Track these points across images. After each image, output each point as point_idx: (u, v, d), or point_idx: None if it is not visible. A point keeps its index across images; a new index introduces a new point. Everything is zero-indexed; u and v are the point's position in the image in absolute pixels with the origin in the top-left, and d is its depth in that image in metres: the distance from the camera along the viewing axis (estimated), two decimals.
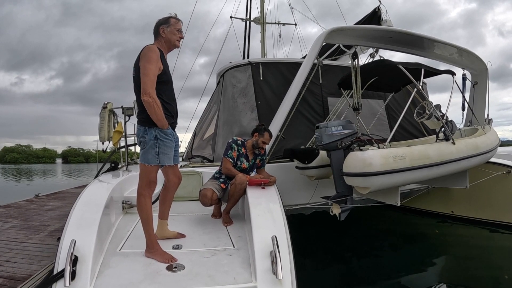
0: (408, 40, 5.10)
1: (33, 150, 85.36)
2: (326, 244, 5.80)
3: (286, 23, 17.49)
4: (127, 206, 3.88)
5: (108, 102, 5.44)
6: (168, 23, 2.87)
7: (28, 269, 3.41)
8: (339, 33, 4.91)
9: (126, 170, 4.97)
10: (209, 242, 3.04)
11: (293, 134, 5.51)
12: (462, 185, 4.81)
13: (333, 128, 4.01)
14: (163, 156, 2.75)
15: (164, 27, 2.86)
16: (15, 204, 7.07)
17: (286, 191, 4.11)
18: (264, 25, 15.59)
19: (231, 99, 6.09)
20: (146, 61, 2.65)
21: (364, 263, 5.12)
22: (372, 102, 6.63)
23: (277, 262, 2.23)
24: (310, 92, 6.00)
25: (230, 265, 2.54)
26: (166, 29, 2.86)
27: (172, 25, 2.88)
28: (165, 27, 2.86)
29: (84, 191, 3.29)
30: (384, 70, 4.79)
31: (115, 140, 5.41)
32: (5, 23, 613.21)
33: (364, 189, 3.68)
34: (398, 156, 3.70)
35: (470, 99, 6.15)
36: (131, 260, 2.62)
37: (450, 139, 4.38)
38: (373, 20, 7.59)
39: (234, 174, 3.74)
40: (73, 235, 2.45)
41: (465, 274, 4.61)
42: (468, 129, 5.75)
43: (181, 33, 2.95)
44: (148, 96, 2.58)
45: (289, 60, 6.59)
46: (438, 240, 5.89)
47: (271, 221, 2.80)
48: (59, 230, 3.40)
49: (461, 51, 5.36)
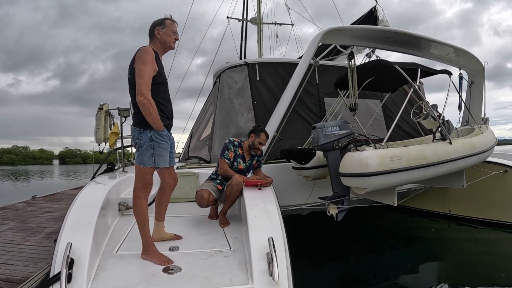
0: (404, 40, 5.10)
1: (30, 151, 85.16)
2: (323, 245, 5.80)
3: (283, 23, 17.48)
4: (123, 208, 3.86)
5: (104, 103, 5.43)
6: (163, 25, 2.87)
7: (25, 272, 3.39)
8: (335, 33, 4.92)
9: (123, 171, 4.95)
10: (206, 243, 3.03)
11: (289, 134, 5.51)
12: (459, 185, 4.82)
13: (329, 129, 4.01)
14: (158, 158, 2.74)
15: (160, 29, 2.86)
16: (12, 206, 7.03)
17: (283, 191, 4.12)
18: (261, 25, 15.58)
19: (228, 100, 6.08)
20: (141, 62, 2.64)
21: (361, 263, 5.13)
22: (369, 102, 6.64)
23: (273, 263, 2.22)
24: (306, 93, 6.01)
25: (227, 267, 2.53)
26: (161, 31, 2.86)
27: (167, 27, 2.88)
28: (160, 28, 2.86)
29: (80, 193, 3.28)
30: (380, 70, 4.79)
31: (111, 141, 5.40)
32: (2, 24, 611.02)
33: (361, 190, 3.68)
34: (395, 156, 3.71)
35: (466, 99, 6.15)
36: (127, 262, 2.61)
37: (447, 139, 4.38)
38: (370, 20, 7.59)
39: (231, 175, 3.73)
40: (70, 238, 2.45)
41: (463, 273, 4.62)
42: (465, 128, 5.76)
43: (176, 34, 2.95)
44: (143, 98, 2.57)
45: (286, 61, 6.59)
46: (435, 240, 5.91)
47: (267, 222, 2.80)
48: (56, 232, 3.38)
49: (458, 50, 5.37)
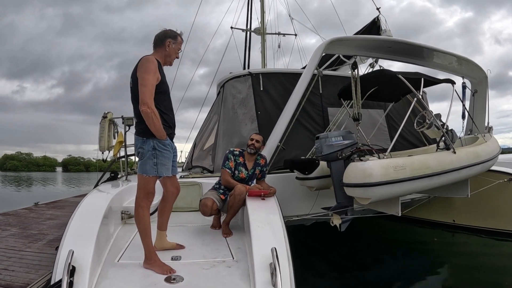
0: (407, 50, 5.11)
1: (34, 158, 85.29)
2: (326, 255, 5.76)
3: (286, 34, 17.56)
4: (126, 216, 3.86)
5: (108, 112, 5.45)
6: (175, 40, 2.91)
7: (26, 278, 3.38)
8: (338, 43, 4.93)
9: (126, 180, 4.95)
10: (208, 253, 3.01)
11: (293, 144, 5.50)
12: (463, 194, 4.78)
13: (333, 139, 4.00)
14: (161, 167, 2.74)
15: (171, 41, 2.89)
16: (14, 212, 7.04)
17: (286, 202, 4.10)
18: (265, 35, 15.67)
19: (231, 110, 6.10)
20: (144, 71, 2.66)
21: (365, 274, 5.08)
22: (372, 112, 6.63)
23: (276, 274, 2.20)
24: (310, 103, 6.00)
25: (229, 277, 2.51)
26: (172, 44, 2.89)
27: (177, 43, 2.93)
28: (172, 42, 2.89)
29: (83, 201, 3.28)
30: (383, 80, 4.80)
31: (116, 150, 5.42)
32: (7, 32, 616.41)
33: (365, 200, 3.66)
34: (398, 166, 3.68)
35: (470, 108, 6.14)
36: (129, 271, 2.60)
37: (451, 148, 4.36)
38: (373, 30, 7.63)
39: (233, 185, 3.73)
40: (71, 245, 2.44)
41: (468, 283, 4.59)
42: (468, 137, 5.73)
43: (179, 53, 3.00)
44: (146, 107, 2.58)
45: (289, 71, 6.61)
46: (440, 250, 5.86)
47: (270, 232, 2.79)
48: (58, 239, 3.38)
49: (461, 59, 5.37)
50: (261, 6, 15.65)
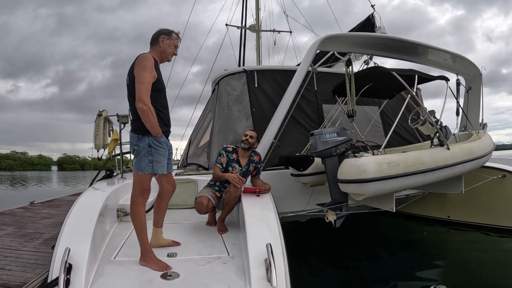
0: (402, 47, 5.13)
1: (29, 157, 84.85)
2: (321, 251, 5.79)
3: (281, 31, 17.57)
4: (122, 214, 3.87)
5: (103, 110, 5.44)
6: (169, 36, 2.94)
7: (23, 277, 3.37)
8: (333, 40, 4.95)
9: (121, 177, 4.96)
10: (204, 250, 3.03)
11: (288, 141, 5.52)
12: (457, 190, 4.83)
13: (327, 135, 4.01)
14: (156, 164, 2.76)
15: (165, 37, 2.91)
16: (10, 211, 6.99)
17: (281, 198, 4.11)
18: (260, 32, 15.67)
19: (226, 107, 6.10)
20: (141, 69, 2.67)
21: (360, 269, 5.12)
22: (366, 109, 6.66)
23: (271, 269, 2.23)
24: (305, 99, 6.02)
25: (225, 273, 2.53)
26: (166, 40, 2.91)
27: (172, 39, 2.95)
28: (166, 38, 2.91)
29: (78, 199, 3.29)
30: (378, 77, 4.81)
31: (111, 148, 5.41)
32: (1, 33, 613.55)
33: (359, 196, 3.69)
34: (392, 163, 3.71)
35: (464, 104, 6.19)
36: (125, 268, 2.61)
37: (445, 145, 4.40)
38: (367, 27, 7.65)
39: (222, 176, 3.76)
40: (67, 243, 2.45)
41: (462, 278, 4.62)
42: (462, 134, 5.78)
43: (176, 49, 3.01)
44: (143, 104, 2.59)
45: (284, 68, 6.61)
46: (434, 245, 5.91)
47: (266, 228, 2.81)
48: (54, 238, 3.37)
49: (455, 56, 5.41)
50: (256, 3, 15.64)
